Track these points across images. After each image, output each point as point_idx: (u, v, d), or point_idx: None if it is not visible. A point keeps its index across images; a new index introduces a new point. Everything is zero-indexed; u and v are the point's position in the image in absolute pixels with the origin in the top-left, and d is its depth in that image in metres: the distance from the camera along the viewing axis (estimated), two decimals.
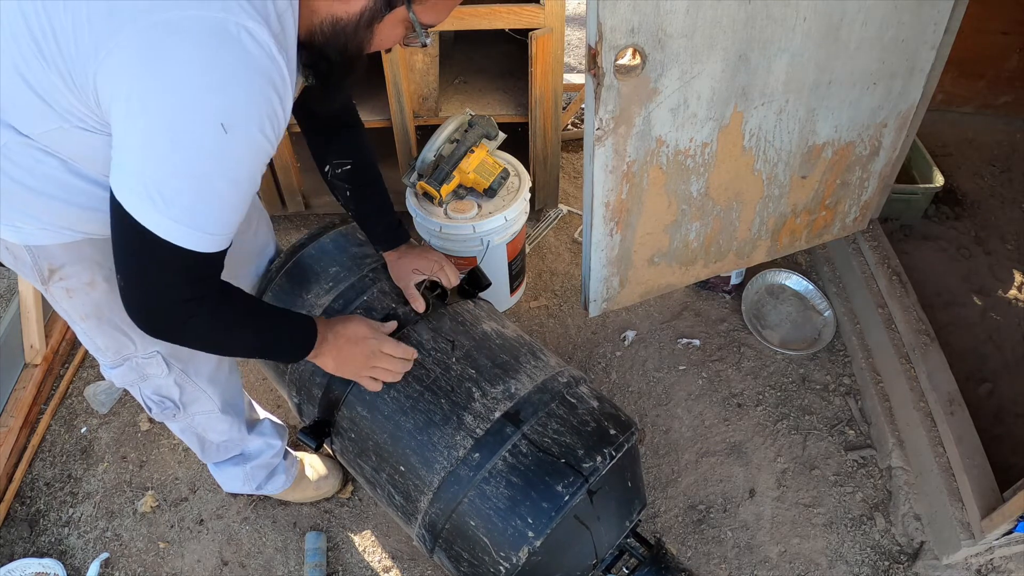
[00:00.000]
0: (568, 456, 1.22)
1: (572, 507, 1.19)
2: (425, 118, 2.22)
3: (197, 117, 0.80)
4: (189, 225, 0.87)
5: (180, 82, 0.79)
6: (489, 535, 1.20)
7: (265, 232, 1.60)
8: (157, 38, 0.77)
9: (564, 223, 2.56)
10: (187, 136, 0.81)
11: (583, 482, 1.20)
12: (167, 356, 1.27)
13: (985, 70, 2.64)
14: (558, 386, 1.32)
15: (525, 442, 1.23)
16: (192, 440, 1.52)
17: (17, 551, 1.78)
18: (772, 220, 1.90)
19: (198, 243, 0.89)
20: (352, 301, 1.45)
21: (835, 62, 1.56)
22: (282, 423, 1.76)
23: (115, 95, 0.81)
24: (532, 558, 1.19)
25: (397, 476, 1.31)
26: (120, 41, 0.78)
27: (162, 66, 0.78)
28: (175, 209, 0.85)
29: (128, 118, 0.82)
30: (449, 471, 1.24)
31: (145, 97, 0.80)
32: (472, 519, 1.22)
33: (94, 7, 0.79)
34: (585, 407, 1.31)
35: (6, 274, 2.44)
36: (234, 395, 1.49)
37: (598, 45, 1.32)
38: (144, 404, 1.36)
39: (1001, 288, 2.20)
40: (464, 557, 1.25)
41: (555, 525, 1.18)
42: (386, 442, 1.32)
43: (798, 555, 1.72)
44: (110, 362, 1.26)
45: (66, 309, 1.17)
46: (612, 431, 1.29)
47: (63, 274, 1.11)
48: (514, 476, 1.20)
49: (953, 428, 1.67)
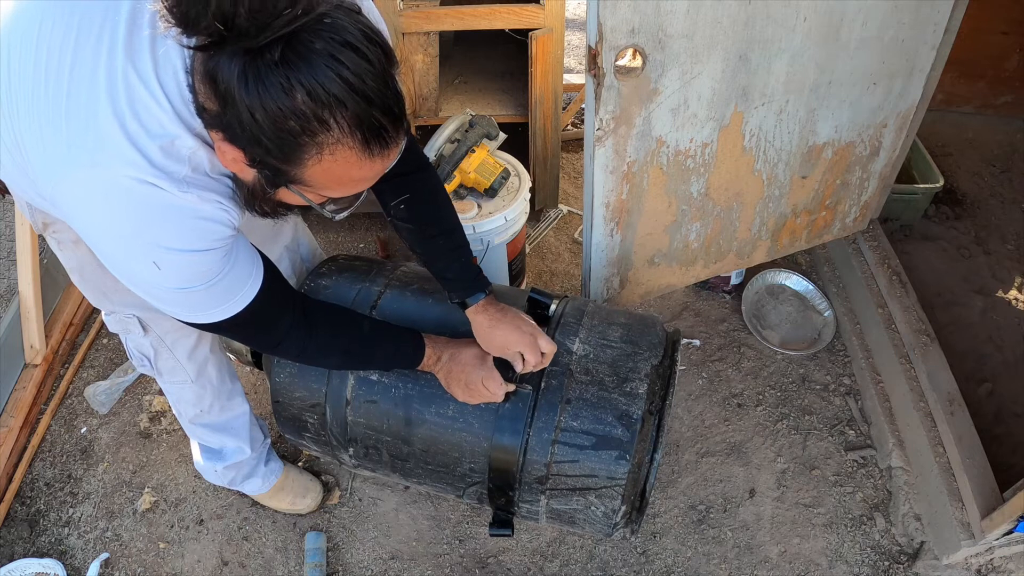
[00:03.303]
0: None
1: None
2: (425, 118, 2.21)
3: (132, 263, 0.90)
4: (201, 312, 0.98)
5: (105, 238, 0.89)
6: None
7: (289, 229, 1.61)
8: (79, 197, 0.85)
9: (564, 223, 2.56)
10: (137, 278, 0.92)
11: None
12: (143, 320, 1.34)
13: (985, 70, 2.64)
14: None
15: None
16: (172, 402, 1.58)
17: (17, 551, 1.78)
18: (772, 220, 1.90)
19: (223, 314, 0.98)
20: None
21: (835, 62, 1.56)
22: (266, 429, 1.77)
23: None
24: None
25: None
26: (56, 192, 0.86)
27: (89, 225, 0.88)
28: (181, 310, 0.98)
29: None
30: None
31: (94, 246, 0.91)
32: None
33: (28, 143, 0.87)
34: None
35: (6, 274, 2.45)
36: (213, 376, 1.51)
37: (598, 45, 1.32)
38: (128, 354, 1.45)
39: (1001, 288, 2.20)
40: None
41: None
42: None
43: (798, 555, 1.72)
44: (104, 310, 1.35)
45: (59, 259, 1.26)
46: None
47: (55, 228, 1.18)
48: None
49: (953, 428, 1.67)
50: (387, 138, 0.80)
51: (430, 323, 1.42)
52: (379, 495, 1.85)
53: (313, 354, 1.20)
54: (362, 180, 0.86)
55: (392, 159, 0.85)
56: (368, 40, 0.76)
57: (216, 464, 1.66)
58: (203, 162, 0.88)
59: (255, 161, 0.81)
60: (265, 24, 0.70)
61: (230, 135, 0.79)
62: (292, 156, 0.78)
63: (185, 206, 0.86)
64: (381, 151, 0.81)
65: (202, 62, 0.77)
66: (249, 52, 0.71)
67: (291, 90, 0.72)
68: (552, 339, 1.33)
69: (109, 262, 0.92)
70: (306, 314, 1.12)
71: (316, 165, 0.79)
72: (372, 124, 0.77)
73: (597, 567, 1.72)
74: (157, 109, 0.82)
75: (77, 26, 0.84)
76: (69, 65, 0.83)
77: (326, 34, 0.73)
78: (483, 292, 1.31)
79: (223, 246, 0.92)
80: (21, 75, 0.85)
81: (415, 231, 1.29)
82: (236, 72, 0.72)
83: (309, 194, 0.87)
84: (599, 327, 1.41)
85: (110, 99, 0.81)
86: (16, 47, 0.86)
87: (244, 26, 0.69)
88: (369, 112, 0.76)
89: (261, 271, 1.01)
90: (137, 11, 0.83)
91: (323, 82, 0.73)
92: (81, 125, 0.82)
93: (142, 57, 0.82)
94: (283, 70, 0.72)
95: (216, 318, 0.98)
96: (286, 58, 0.71)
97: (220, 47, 0.72)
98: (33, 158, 0.86)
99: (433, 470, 1.42)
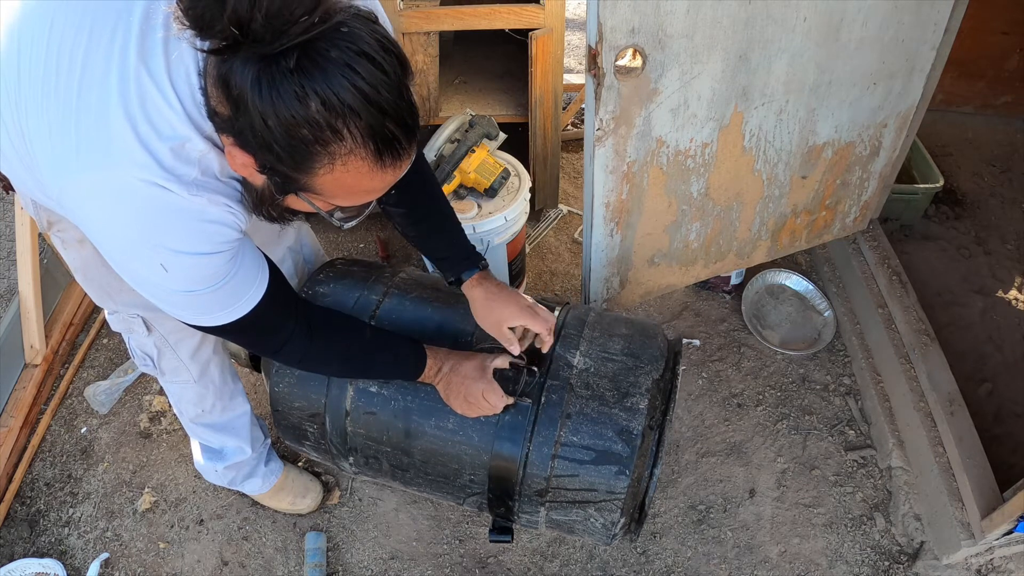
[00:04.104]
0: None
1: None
2: (425, 118, 2.21)
3: (139, 265, 0.90)
4: (206, 315, 0.97)
5: (112, 240, 0.88)
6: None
7: (292, 230, 1.61)
8: (88, 198, 0.85)
9: (564, 223, 2.56)
10: (143, 279, 0.92)
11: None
12: (147, 320, 1.33)
13: (985, 70, 2.64)
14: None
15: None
16: (174, 401, 1.57)
17: (17, 551, 1.78)
18: (772, 220, 1.90)
19: (227, 317, 0.98)
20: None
21: (835, 62, 1.56)
22: (266, 429, 1.77)
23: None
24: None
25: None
26: (64, 192, 0.86)
27: (97, 226, 0.88)
28: (186, 313, 0.97)
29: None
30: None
31: (100, 247, 0.90)
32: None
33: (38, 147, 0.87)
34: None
35: (6, 274, 2.45)
36: (216, 376, 1.51)
37: (598, 45, 1.32)
38: (131, 353, 1.44)
39: (1001, 288, 2.20)
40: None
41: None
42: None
43: (798, 555, 1.72)
44: (107, 309, 1.35)
45: (64, 258, 1.25)
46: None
47: (59, 227, 1.18)
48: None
49: (953, 428, 1.67)
50: (399, 150, 0.80)
51: (430, 331, 1.41)
52: (379, 495, 1.85)
53: (314, 360, 1.20)
54: (372, 191, 0.85)
55: (403, 170, 0.84)
56: (384, 50, 0.75)
57: (217, 464, 1.66)
58: (212, 165, 0.88)
59: (265, 167, 0.80)
60: (281, 30, 0.69)
61: (241, 140, 0.78)
62: (303, 164, 0.78)
63: (193, 209, 0.86)
64: (393, 162, 0.80)
65: (215, 66, 0.77)
66: (264, 58, 0.71)
67: (305, 98, 0.72)
68: (553, 352, 1.33)
69: (115, 263, 0.91)
70: (308, 320, 1.12)
71: (327, 174, 0.79)
72: (385, 135, 0.77)
73: (597, 567, 1.72)
74: (168, 111, 0.82)
75: (90, 26, 0.83)
76: (80, 65, 0.82)
77: (342, 43, 0.72)
78: (476, 267, 1.32)
79: (230, 249, 0.92)
80: (31, 74, 0.85)
81: (406, 215, 1.31)
82: (250, 78, 0.72)
83: (318, 202, 0.87)
84: (600, 339, 1.40)
85: (122, 100, 0.81)
86: (27, 46, 0.86)
87: (260, 31, 0.68)
88: (383, 123, 0.76)
89: (267, 275, 1.01)
90: (151, 12, 0.82)
91: (337, 91, 0.72)
92: (91, 126, 0.82)
93: (155, 59, 0.81)
94: (298, 78, 0.71)
95: (220, 321, 0.98)
96: (301, 66, 0.71)
97: (234, 51, 0.71)
98: (41, 158, 0.86)
99: (433, 480, 1.41)
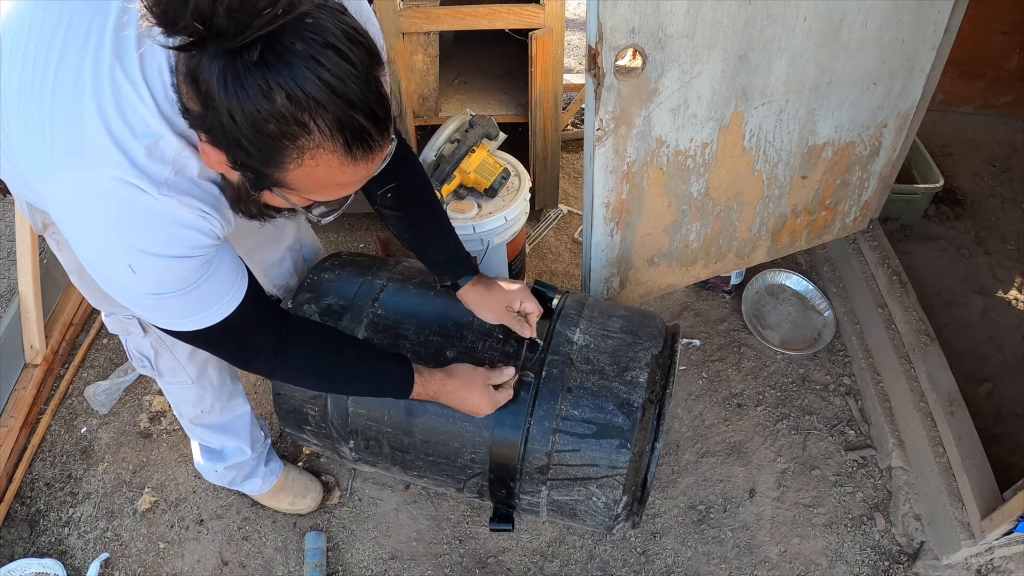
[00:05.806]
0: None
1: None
2: (425, 118, 2.21)
3: (108, 265, 0.89)
4: (176, 319, 0.96)
5: (83, 238, 0.88)
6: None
7: (292, 229, 1.60)
8: (62, 197, 0.85)
9: (564, 223, 2.56)
10: (112, 280, 0.91)
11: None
12: (143, 321, 1.32)
13: (985, 70, 2.64)
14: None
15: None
16: (173, 402, 1.57)
17: (17, 551, 1.78)
18: (772, 220, 1.90)
19: (197, 324, 0.96)
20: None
21: (835, 62, 1.56)
22: (266, 429, 1.77)
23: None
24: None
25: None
26: (42, 191, 0.86)
27: (70, 225, 0.87)
28: (155, 316, 0.96)
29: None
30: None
31: (73, 245, 0.90)
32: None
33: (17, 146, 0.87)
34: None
35: (6, 274, 2.45)
36: (214, 377, 1.50)
37: (598, 45, 1.32)
38: (128, 355, 1.43)
39: (1001, 288, 2.20)
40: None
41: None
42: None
43: (798, 555, 1.72)
44: (103, 311, 1.35)
45: (59, 259, 1.24)
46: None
47: (53, 229, 1.17)
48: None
49: (953, 428, 1.67)
50: (370, 142, 0.79)
51: (432, 316, 1.43)
52: (379, 495, 1.85)
53: (287, 375, 1.19)
54: (346, 184, 0.84)
55: (378, 164, 0.84)
56: (351, 41, 0.74)
57: (217, 464, 1.66)
58: (188, 165, 0.87)
59: (237, 163, 0.79)
60: (244, 24, 0.68)
61: (212, 137, 0.78)
62: (273, 159, 0.77)
63: (164, 211, 0.85)
64: (365, 155, 0.79)
65: (184, 62, 0.76)
66: (229, 53, 0.70)
67: (269, 92, 0.71)
68: (554, 329, 1.37)
69: (86, 262, 0.90)
70: (287, 335, 1.10)
71: (297, 169, 0.78)
72: (354, 128, 0.76)
73: (597, 567, 1.72)
74: (142, 107, 0.81)
75: (66, 25, 0.83)
76: (56, 64, 0.82)
77: (307, 34, 0.71)
78: (471, 274, 1.36)
79: (202, 255, 0.91)
80: (9, 74, 0.85)
81: (402, 218, 1.32)
82: (216, 73, 0.71)
83: (293, 197, 0.86)
84: (599, 318, 1.42)
85: (95, 98, 0.80)
86: (7, 46, 0.86)
87: (223, 26, 0.68)
88: (351, 115, 0.75)
89: (244, 287, 0.99)
90: (126, 9, 0.82)
91: (302, 84, 0.71)
92: (64, 124, 0.81)
93: (129, 56, 0.81)
94: (262, 72, 0.70)
95: (190, 327, 0.96)
96: (265, 59, 0.70)
97: (201, 47, 0.70)
98: (21, 158, 0.86)
99: (434, 462, 1.42)
